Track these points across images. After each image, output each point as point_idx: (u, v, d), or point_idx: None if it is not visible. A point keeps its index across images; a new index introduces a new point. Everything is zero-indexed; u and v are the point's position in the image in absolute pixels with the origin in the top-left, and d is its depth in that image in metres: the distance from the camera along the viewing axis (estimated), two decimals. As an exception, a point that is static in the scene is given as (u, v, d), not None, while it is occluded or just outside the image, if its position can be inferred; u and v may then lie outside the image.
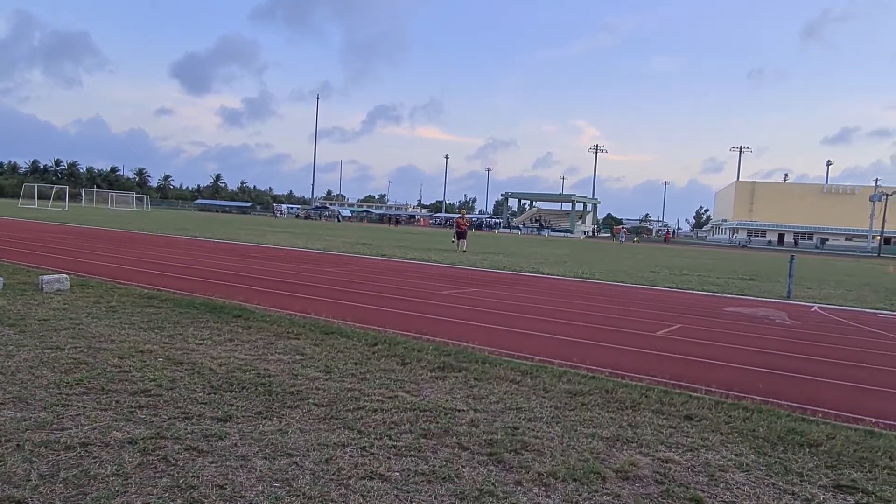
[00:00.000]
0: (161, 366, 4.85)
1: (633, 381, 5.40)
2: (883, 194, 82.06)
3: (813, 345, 8.28)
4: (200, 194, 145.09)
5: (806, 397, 5.39)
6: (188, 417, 3.79)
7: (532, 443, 3.74)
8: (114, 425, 3.58)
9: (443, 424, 3.97)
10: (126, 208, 70.95)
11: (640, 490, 3.23)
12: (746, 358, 7.04)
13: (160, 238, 22.15)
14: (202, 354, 5.29)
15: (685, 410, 4.60)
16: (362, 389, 4.59)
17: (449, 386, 4.87)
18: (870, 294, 17.02)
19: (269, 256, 16.92)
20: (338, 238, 30.71)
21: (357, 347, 5.94)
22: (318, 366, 5.18)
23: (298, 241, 24.96)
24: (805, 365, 6.90)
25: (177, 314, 7.02)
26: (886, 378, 6.53)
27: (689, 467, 3.57)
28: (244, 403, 4.11)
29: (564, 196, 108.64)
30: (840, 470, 3.67)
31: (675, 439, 4.01)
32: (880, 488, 3.43)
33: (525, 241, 48.47)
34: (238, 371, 4.84)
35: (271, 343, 5.91)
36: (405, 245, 27.82)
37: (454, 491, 3.05)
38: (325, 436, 3.64)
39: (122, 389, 4.22)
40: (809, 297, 14.79)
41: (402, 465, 3.31)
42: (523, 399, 4.63)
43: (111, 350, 5.22)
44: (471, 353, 5.97)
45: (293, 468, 3.17)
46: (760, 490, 3.32)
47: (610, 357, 6.58)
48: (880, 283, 22.32)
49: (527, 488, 3.13)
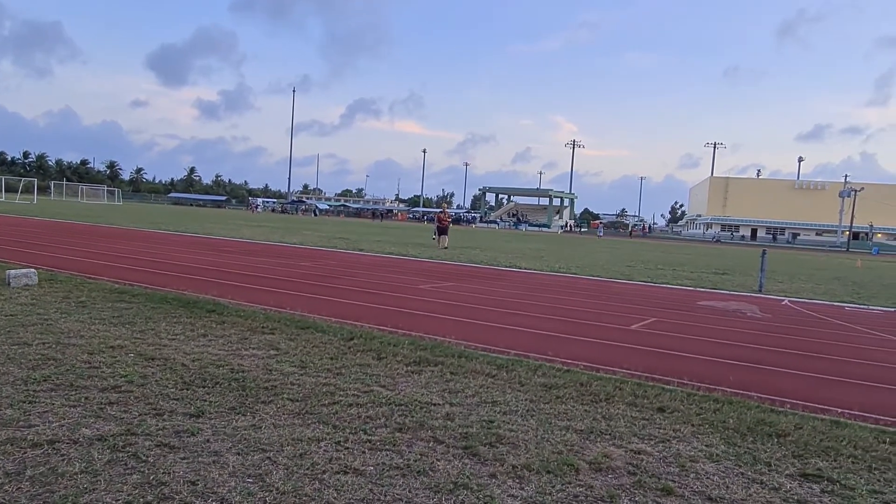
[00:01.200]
0: (132, 361, 4.77)
1: (608, 374, 5.45)
2: (852, 190, 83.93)
3: (783, 337, 8.44)
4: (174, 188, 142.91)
5: (775, 389, 5.50)
6: (159, 413, 3.74)
7: (507, 436, 3.76)
8: (83, 422, 3.52)
9: (418, 418, 3.97)
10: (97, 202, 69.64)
11: (612, 481, 3.27)
12: (718, 351, 7.16)
13: (132, 232, 21.77)
14: (175, 350, 5.22)
15: (658, 402, 4.67)
16: (337, 384, 4.57)
17: (425, 380, 4.87)
18: (838, 288, 17.42)
19: (245, 251, 16.75)
20: (314, 232, 30.49)
21: (333, 342, 5.91)
22: (293, 361, 5.14)
23: (274, 236, 24.73)
24: (775, 357, 7.04)
25: (149, 309, 6.91)
26: (852, 369, 6.69)
27: (661, 458, 3.62)
28: (217, 399, 4.06)
29: (542, 191, 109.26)
30: (806, 459, 3.75)
31: (648, 431, 4.06)
32: (844, 476, 3.52)
33: (502, 236, 48.65)
34: (211, 366, 4.79)
35: (245, 338, 5.86)
36: (383, 240, 27.73)
37: (429, 484, 3.05)
38: (299, 431, 3.61)
39: (91, 386, 4.15)
40: (780, 291, 15.08)
41: (376, 460, 3.30)
42: (499, 393, 4.65)
43: (80, 346, 5.12)
44: (447, 348, 5.98)
45: (266, 463, 3.15)
46: (729, 480, 3.39)
47: (585, 350, 6.64)
48: (848, 276, 22.85)
49: (501, 481, 3.15)
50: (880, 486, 3.43)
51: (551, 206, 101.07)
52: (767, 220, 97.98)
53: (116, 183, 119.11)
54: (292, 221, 50.35)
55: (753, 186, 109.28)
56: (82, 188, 77.33)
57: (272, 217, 62.91)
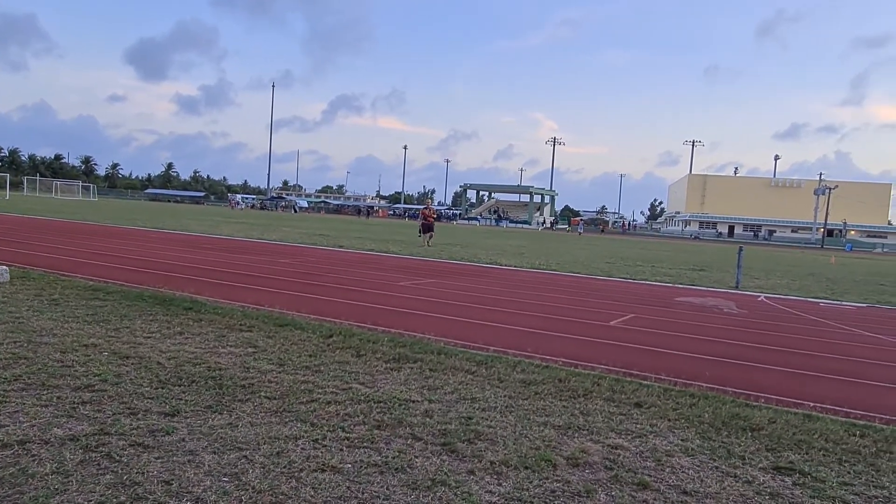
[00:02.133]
0: (106, 360, 4.70)
1: (586, 370, 5.49)
2: (826, 188, 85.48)
3: (758, 333, 8.57)
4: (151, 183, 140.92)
5: (750, 383, 5.58)
6: (134, 413, 3.68)
7: (485, 432, 3.77)
8: (54, 422, 3.45)
9: (397, 415, 3.96)
10: (71, 197, 68.43)
11: (589, 476, 3.29)
12: (695, 346, 7.25)
13: (107, 228, 21.43)
14: (150, 348, 5.15)
15: (635, 398, 4.71)
16: (316, 382, 4.54)
17: (404, 377, 4.86)
18: (813, 284, 17.73)
19: (223, 248, 16.57)
20: (294, 229, 30.28)
21: (311, 339, 5.88)
22: (270, 358, 5.10)
23: (253, 232, 24.51)
24: (750, 352, 7.14)
25: (124, 307, 6.81)
26: (825, 364, 6.81)
27: (638, 453, 3.65)
28: (193, 398, 4.02)
29: (522, 188, 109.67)
30: (779, 452, 3.81)
31: (625, 426, 4.10)
32: (816, 469, 3.58)
33: (483, 233, 48.73)
34: (187, 364, 4.73)
35: (223, 336, 5.80)
36: (363, 236, 27.62)
37: (406, 481, 3.05)
38: (276, 429, 3.59)
39: (63, 385, 4.08)
40: (757, 287, 15.31)
41: (354, 457, 3.29)
42: (477, 389, 4.66)
43: (53, 344, 5.03)
44: (426, 344, 5.98)
45: (243, 462, 3.12)
46: (704, 473, 3.43)
47: (564, 346, 6.68)
48: (823, 273, 23.26)
49: (479, 477, 3.16)
50: (850, 478, 3.50)
51: (532, 203, 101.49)
52: (745, 217, 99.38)
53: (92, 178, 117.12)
54: (272, 218, 49.95)
55: (731, 184, 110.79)
56: (56, 184, 75.92)
57: (251, 214, 62.35)
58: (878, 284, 19.34)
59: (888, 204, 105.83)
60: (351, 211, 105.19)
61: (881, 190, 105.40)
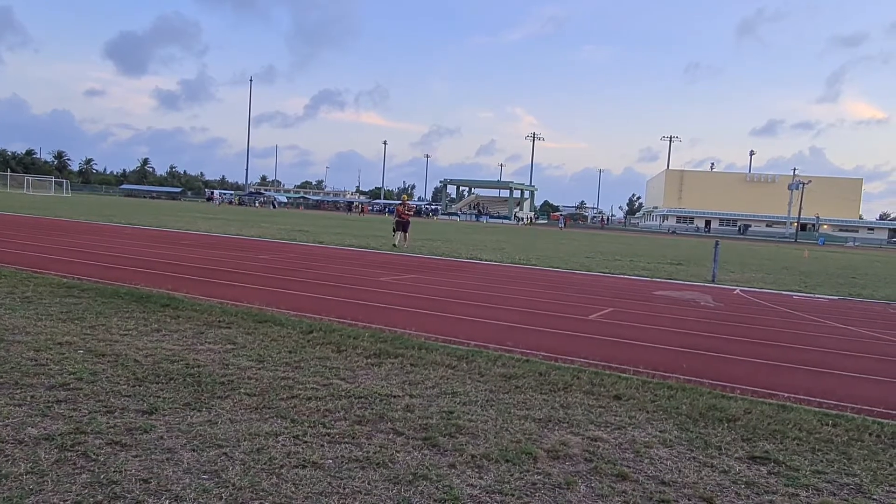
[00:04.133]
0: (81, 358, 4.62)
1: (566, 364, 5.54)
2: (800, 183, 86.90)
3: (734, 325, 8.71)
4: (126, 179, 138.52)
5: (726, 375, 5.67)
6: (110, 411, 3.63)
7: (466, 426, 3.79)
8: (28, 421, 3.39)
9: (378, 410, 3.96)
10: (44, 193, 67.04)
11: (569, 468, 3.32)
12: (673, 339, 7.34)
13: (81, 225, 21.06)
14: (126, 345, 5.07)
15: (614, 391, 4.76)
16: (296, 378, 4.52)
17: (385, 372, 4.86)
18: (787, 277, 18.05)
19: (201, 244, 16.38)
20: (273, 225, 30.02)
21: (291, 335, 5.84)
22: (250, 355, 5.06)
23: (231, 228, 24.25)
24: (726, 345, 7.25)
25: (99, 304, 6.70)
26: (798, 355, 6.95)
27: (617, 445, 3.70)
28: (171, 395, 3.97)
29: (502, 183, 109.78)
30: (755, 442, 3.88)
31: (605, 418, 4.14)
32: (790, 458, 3.65)
33: (464, 228, 48.78)
34: (165, 362, 4.67)
35: (201, 332, 5.73)
36: (343, 232, 27.49)
37: (388, 476, 3.05)
38: (256, 425, 3.56)
39: (38, 384, 4.00)
40: (732, 281, 15.54)
41: (335, 453, 3.28)
42: (459, 383, 4.67)
43: (26, 343, 4.93)
44: (407, 340, 5.98)
45: (222, 459, 3.10)
46: (682, 464, 3.48)
47: (544, 340, 6.72)
48: (796, 266, 23.68)
49: (460, 471, 3.17)
50: (823, 466, 3.58)
51: (512, 198, 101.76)
52: (721, 211, 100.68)
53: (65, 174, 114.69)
54: (250, 214, 49.46)
55: (707, 179, 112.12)
56: (28, 179, 74.25)
57: (229, 209, 61.65)
58: (851, 278, 19.75)
59: (860, 198, 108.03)
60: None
61: (853, 185, 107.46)
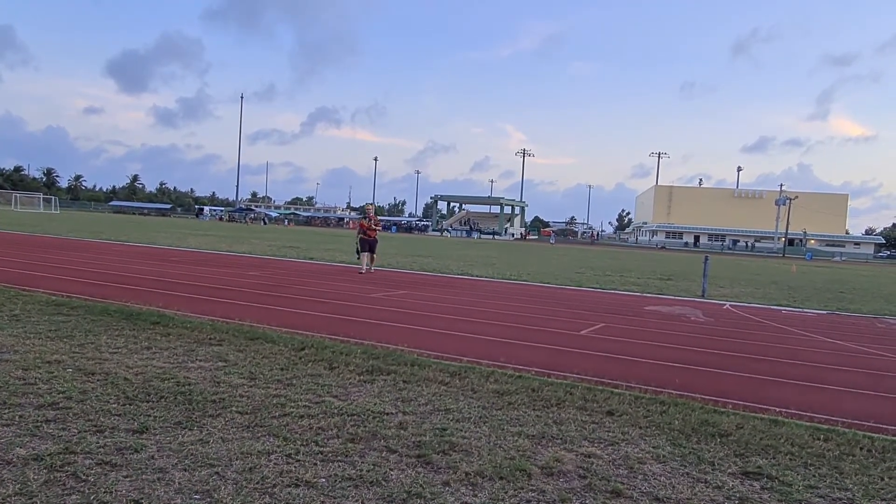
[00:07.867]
0: (70, 377, 4.58)
1: (558, 380, 5.54)
2: (787, 199, 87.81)
3: (725, 340, 8.75)
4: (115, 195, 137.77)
5: (718, 390, 5.69)
6: (100, 430, 3.59)
7: (460, 443, 3.78)
8: (17, 441, 3.35)
9: (371, 428, 3.94)
10: (32, 210, 66.56)
11: (563, 485, 3.31)
12: (664, 354, 7.36)
13: (71, 242, 20.91)
14: (116, 364, 5.03)
15: (607, 406, 4.77)
16: (288, 395, 4.49)
17: (377, 389, 4.84)
18: (775, 292, 18.18)
19: (191, 260, 16.30)
20: (264, 241, 29.93)
21: (283, 353, 5.81)
22: (241, 372, 5.03)
23: (222, 245, 24.16)
24: (717, 359, 7.29)
25: (88, 322, 6.64)
26: (788, 370, 6.98)
27: (611, 461, 3.69)
28: (162, 414, 3.94)
29: (493, 199, 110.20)
30: (747, 458, 3.89)
31: (598, 434, 4.14)
32: (783, 473, 3.66)
33: (454, 244, 48.82)
34: (156, 380, 4.64)
35: (192, 350, 5.70)
36: (333, 248, 27.44)
37: (382, 494, 3.03)
38: (248, 444, 3.54)
39: (26, 403, 3.96)
40: (722, 296, 15.63)
41: (328, 471, 3.26)
42: (451, 400, 4.66)
43: (14, 361, 4.88)
44: (400, 356, 5.96)
45: (214, 479, 3.07)
46: (675, 480, 3.48)
47: (536, 356, 6.72)
48: (785, 281, 23.86)
49: (454, 488, 3.16)
50: (815, 480, 3.59)
51: (502, 214, 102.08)
52: (709, 227, 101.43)
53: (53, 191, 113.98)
54: (241, 230, 49.30)
55: (696, 195, 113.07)
56: (16, 196, 73.73)
57: (219, 226, 61.42)
58: (838, 292, 19.92)
59: (846, 214, 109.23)
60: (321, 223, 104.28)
61: (839, 200, 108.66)
